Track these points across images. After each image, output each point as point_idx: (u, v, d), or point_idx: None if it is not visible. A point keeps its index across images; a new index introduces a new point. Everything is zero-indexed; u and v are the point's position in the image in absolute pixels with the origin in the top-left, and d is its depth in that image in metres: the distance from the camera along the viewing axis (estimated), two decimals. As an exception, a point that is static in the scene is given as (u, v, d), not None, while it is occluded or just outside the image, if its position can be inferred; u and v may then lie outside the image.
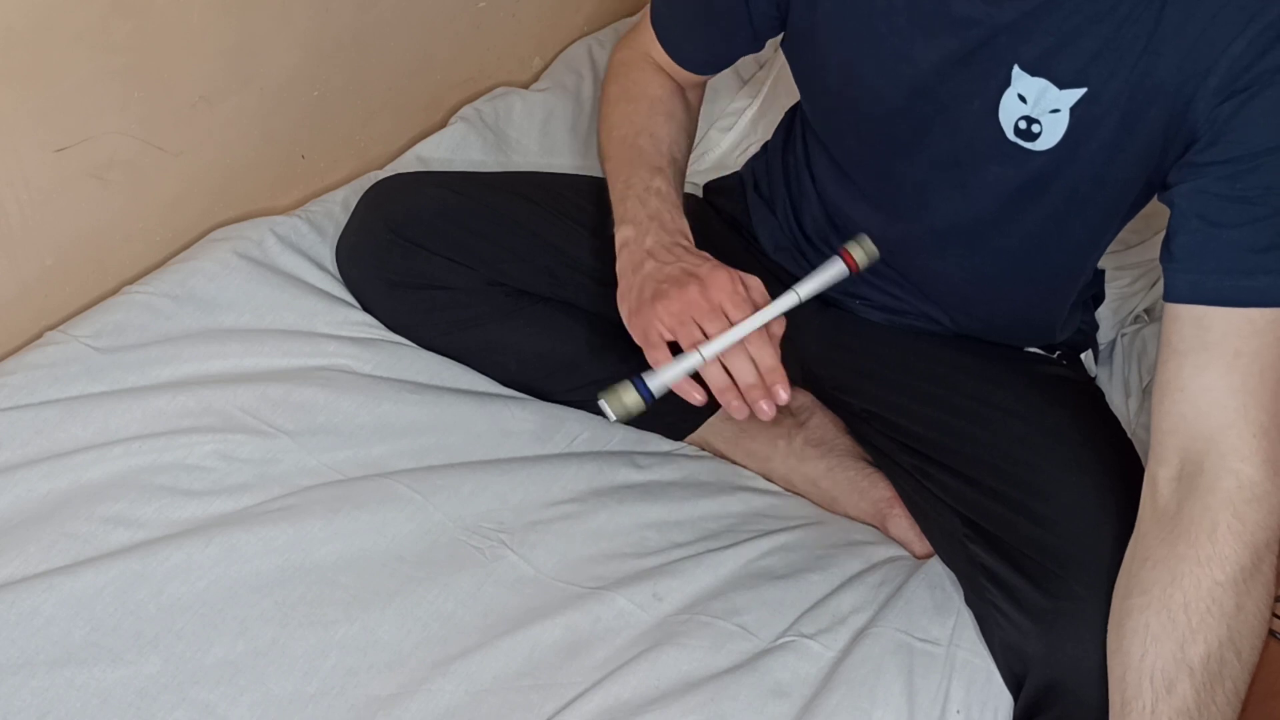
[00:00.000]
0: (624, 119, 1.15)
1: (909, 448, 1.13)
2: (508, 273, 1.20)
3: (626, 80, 1.18)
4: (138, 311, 1.17)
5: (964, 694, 0.99)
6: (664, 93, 1.17)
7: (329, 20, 1.31)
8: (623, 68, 1.20)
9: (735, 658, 1.01)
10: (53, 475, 1.03)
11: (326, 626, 0.98)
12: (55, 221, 1.15)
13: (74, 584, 0.96)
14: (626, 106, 1.16)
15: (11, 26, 1.03)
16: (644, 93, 1.16)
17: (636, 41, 1.20)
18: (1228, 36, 0.86)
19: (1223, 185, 0.88)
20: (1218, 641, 0.84)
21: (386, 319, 1.23)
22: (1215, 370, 0.87)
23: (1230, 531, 0.85)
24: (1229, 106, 0.87)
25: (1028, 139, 0.96)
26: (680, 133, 1.16)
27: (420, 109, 1.49)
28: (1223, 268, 0.87)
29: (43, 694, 0.90)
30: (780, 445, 1.23)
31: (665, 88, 1.17)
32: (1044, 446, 1.07)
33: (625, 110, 1.16)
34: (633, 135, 1.13)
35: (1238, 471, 0.86)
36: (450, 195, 1.24)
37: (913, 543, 1.15)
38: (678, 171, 1.12)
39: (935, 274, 1.13)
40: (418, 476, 1.10)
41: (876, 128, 1.05)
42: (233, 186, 1.30)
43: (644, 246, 1.04)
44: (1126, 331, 1.35)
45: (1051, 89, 0.93)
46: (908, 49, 0.98)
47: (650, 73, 1.18)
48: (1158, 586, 0.87)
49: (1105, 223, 1.04)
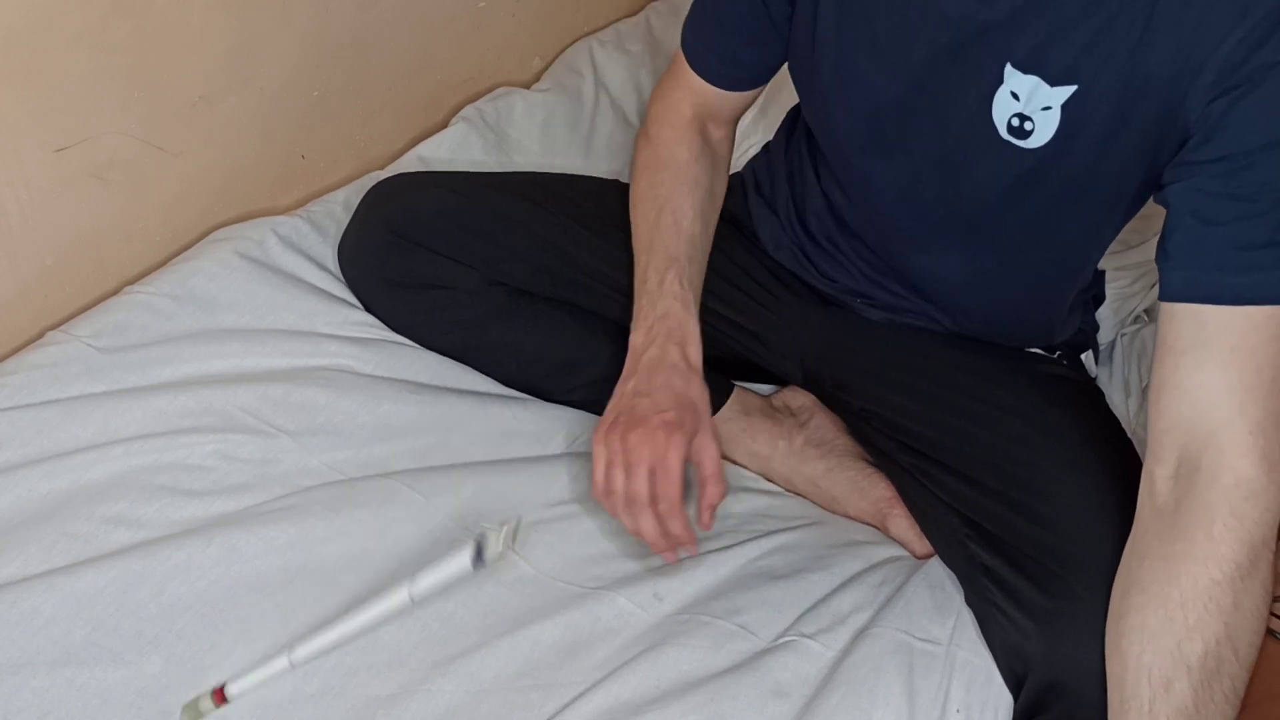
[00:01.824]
0: (649, 191, 1.16)
1: (909, 447, 1.14)
2: (508, 273, 1.20)
3: (657, 142, 1.18)
4: (138, 311, 1.17)
5: (964, 694, 0.99)
6: (690, 156, 1.16)
7: (329, 20, 1.31)
8: (654, 126, 1.19)
9: (735, 657, 1.01)
10: (53, 475, 1.03)
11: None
12: (55, 221, 1.15)
13: (74, 584, 0.96)
14: (652, 176, 1.16)
15: (11, 26, 1.03)
16: (671, 158, 1.16)
17: (668, 93, 1.19)
18: (1220, 32, 0.85)
19: (1217, 183, 0.87)
20: (1215, 639, 0.84)
21: (387, 319, 1.23)
22: (1211, 367, 0.87)
23: (1227, 529, 0.85)
24: (1222, 103, 0.86)
25: (1020, 136, 0.96)
26: (705, 199, 1.16)
27: (420, 109, 1.49)
28: (1218, 265, 0.87)
29: (43, 694, 0.90)
30: (780, 445, 1.23)
31: (692, 149, 1.17)
32: (1044, 446, 1.07)
33: (650, 181, 1.16)
34: (655, 214, 1.14)
35: (1235, 468, 0.86)
36: (451, 195, 1.24)
37: (913, 543, 1.15)
38: (696, 250, 1.13)
39: (934, 272, 1.13)
40: (419, 476, 1.10)
41: (872, 123, 1.05)
42: (233, 186, 1.30)
43: (642, 359, 1.06)
44: (1126, 332, 1.35)
45: (1043, 86, 0.93)
46: (902, 46, 0.98)
47: (680, 131, 1.17)
48: (1155, 584, 0.87)
49: (1101, 220, 1.04)
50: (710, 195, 1.17)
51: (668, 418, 1.00)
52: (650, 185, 1.16)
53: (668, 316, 1.07)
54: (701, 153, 1.17)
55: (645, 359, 1.05)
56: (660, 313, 1.07)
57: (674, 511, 0.99)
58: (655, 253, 1.11)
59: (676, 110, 1.17)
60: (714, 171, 1.19)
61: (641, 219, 1.15)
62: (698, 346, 1.07)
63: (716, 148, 1.20)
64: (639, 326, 1.08)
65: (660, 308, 1.08)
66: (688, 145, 1.17)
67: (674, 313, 1.07)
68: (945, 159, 1.02)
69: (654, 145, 1.18)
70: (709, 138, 1.19)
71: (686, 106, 1.17)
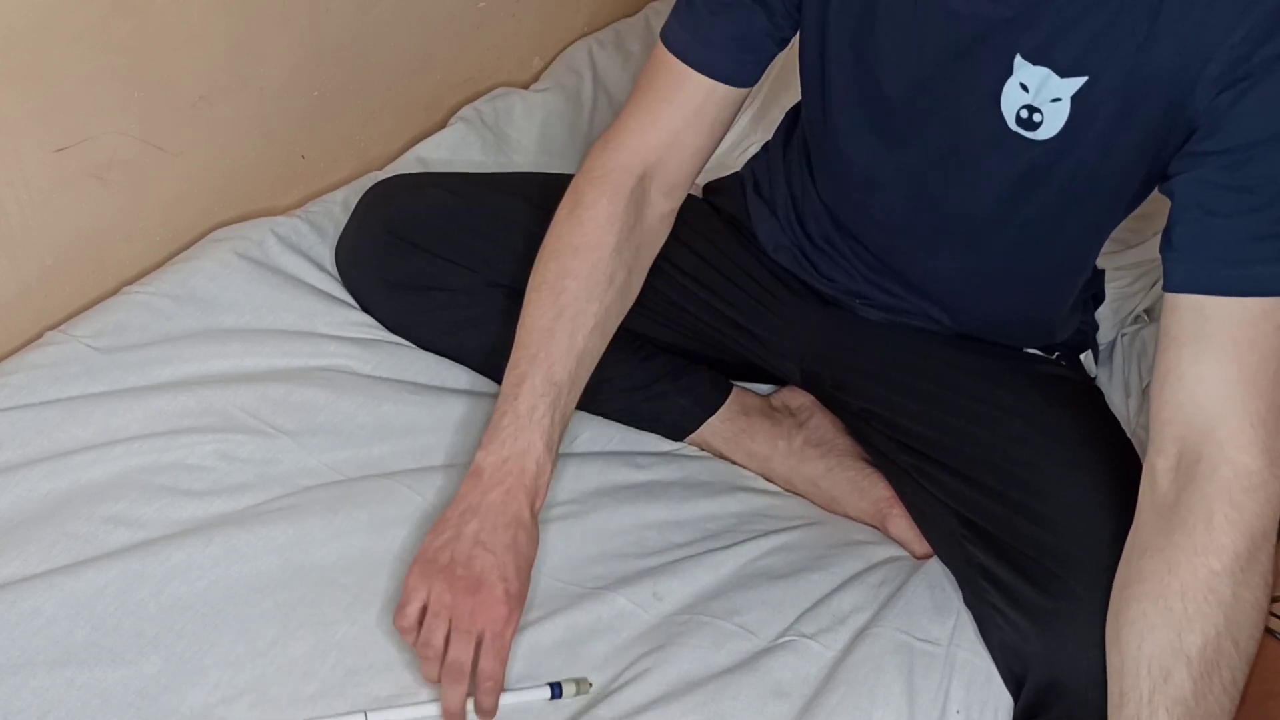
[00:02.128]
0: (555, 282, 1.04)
1: (908, 447, 1.14)
2: (507, 273, 1.20)
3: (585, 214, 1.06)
4: (138, 311, 1.17)
5: (964, 694, 0.99)
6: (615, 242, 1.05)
7: (329, 20, 1.31)
8: (589, 187, 1.07)
9: (735, 657, 1.01)
10: (53, 475, 1.03)
11: (326, 627, 0.98)
12: (55, 221, 1.15)
13: (74, 584, 0.96)
14: (564, 263, 1.05)
15: (11, 26, 1.03)
16: (594, 242, 1.05)
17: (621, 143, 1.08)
18: (1227, 25, 0.86)
19: (1222, 175, 0.88)
20: (1215, 630, 0.84)
21: (386, 320, 1.23)
22: (1213, 359, 0.87)
23: (1227, 521, 0.86)
24: (1228, 96, 0.87)
25: (1029, 128, 0.97)
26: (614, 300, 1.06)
27: (420, 109, 1.49)
28: (1221, 257, 0.88)
29: (43, 694, 0.90)
30: (780, 445, 1.23)
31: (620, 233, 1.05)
32: (1043, 446, 1.07)
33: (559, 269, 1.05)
34: (552, 317, 1.03)
35: (1235, 461, 0.86)
36: (449, 196, 1.24)
37: (913, 543, 1.15)
38: (583, 370, 1.04)
39: (934, 271, 1.13)
40: (418, 477, 1.10)
41: (879, 121, 1.05)
42: (233, 186, 1.30)
43: (486, 498, 0.97)
44: (1126, 332, 1.35)
45: (1053, 77, 0.94)
46: (911, 43, 0.98)
47: (616, 203, 1.05)
48: (1155, 576, 0.87)
49: (1103, 216, 1.04)
50: (622, 293, 1.07)
51: (511, 589, 0.94)
52: (558, 274, 1.04)
53: (525, 457, 0.99)
54: (628, 238, 1.06)
55: (489, 500, 0.97)
56: (520, 448, 0.99)
57: (495, 691, 0.92)
58: (536, 371, 1.01)
59: (624, 168, 1.07)
60: (635, 260, 1.08)
61: (537, 314, 1.04)
62: (543, 499, 1.00)
63: (649, 231, 1.10)
64: (492, 449, 0.99)
65: (521, 442, 0.99)
66: (617, 229, 1.05)
67: (533, 453, 0.99)
68: (954, 154, 1.02)
69: (580, 216, 1.06)
70: (645, 216, 1.09)
71: (638, 162, 1.07)
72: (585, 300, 1.04)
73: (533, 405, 1.00)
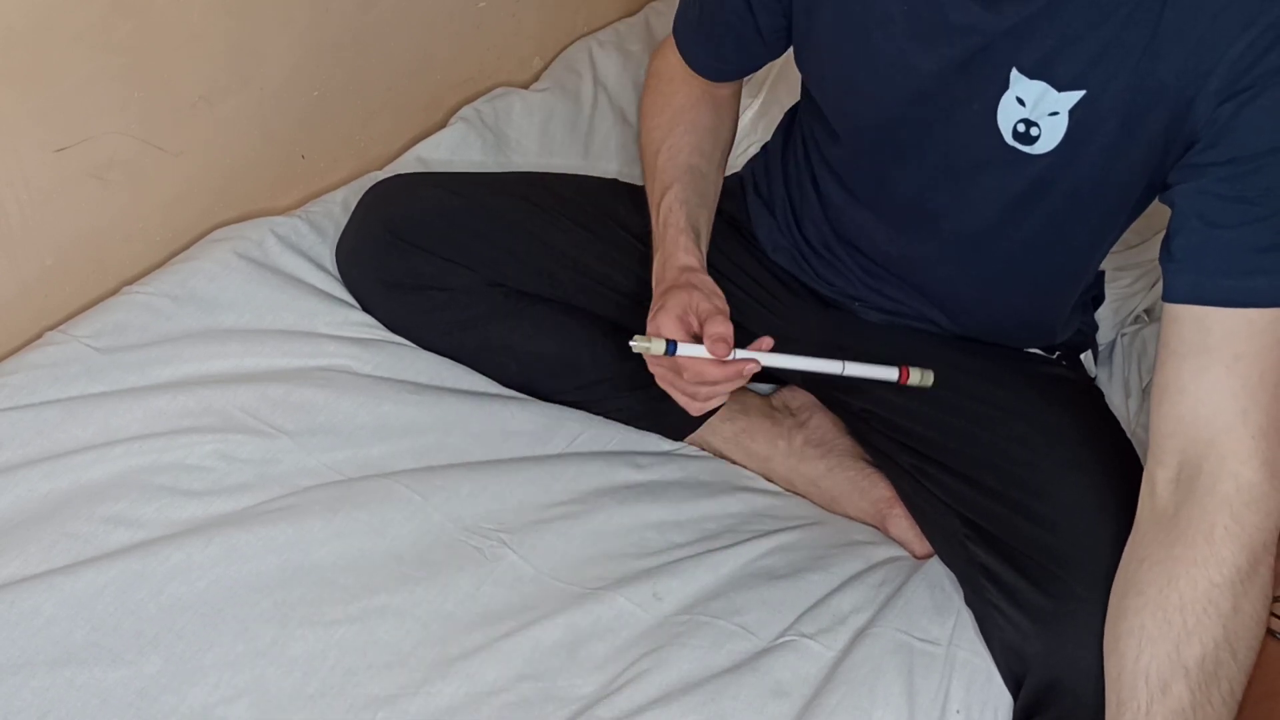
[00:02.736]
0: (649, 134, 1.19)
1: (908, 447, 1.14)
2: (507, 273, 1.20)
3: (656, 93, 1.21)
4: (138, 311, 1.17)
5: (964, 694, 0.99)
6: (688, 102, 1.19)
7: (329, 20, 1.31)
8: (654, 79, 1.23)
9: (735, 657, 1.01)
10: (53, 475, 1.03)
11: (326, 626, 0.98)
12: (55, 221, 1.15)
13: (74, 584, 0.96)
14: (652, 121, 1.20)
15: (11, 26, 1.03)
16: (668, 104, 1.19)
17: (668, 49, 1.21)
18: (1228, 38, 0.86)
19: (1223, 186, 0.87)
20: (1213, 643, 0.84)
21: (386, 320, 1.23)
22: (1215, 373, 0.87)
23: (1228, 534, 0.85)
24: (1229, 108, 0.87)
25: (1026, 142, 0.96)
26: (704, 137, 1.18)
27: (420, 109, 1.49)
28: (1223, 268, 0.87)
29: (43, 694, 0.90)
30: (780, 445, 1.23)
31: (690, 96, 1.19)
32: (1044, 446, 1.07)
33: (650, 125, 1.20)
34: (652, 154, 1.17)
35: (1236, 474, 0.86)
36: (449, 196, 1.24)
37: (913, 543, 1.15)
38: (697, 175, 1.15)
39: (936, 279, 1.13)
40: (417, 477, 1.10)
41: (874, 136, 1.05)
42: (233, 186, 1.30)
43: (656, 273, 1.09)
44: (1126, 332, 1.35)
45: (1050, 92, 0.93)
46: (906, 58, 0.98)
47: (678, 83, 1.20)
48: (1154, 587, 0.87)
49: (1106, 225, 1.04)
50: (709, 135, 1.19)
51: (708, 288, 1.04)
52: (650, 130, 1.19)
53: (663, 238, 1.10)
54: (699, 99, 1.19)
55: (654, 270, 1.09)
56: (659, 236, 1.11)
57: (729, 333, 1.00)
58: (654, 184, 1.14)
59: (678, 65, 1.20)
60: (716, 115, 1.20)
61: (648, 160, 1.18)
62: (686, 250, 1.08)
63: (720, 102, 1.21)
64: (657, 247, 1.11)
65: (658, 231, 1.11)
66: (686, 93, 1.19)
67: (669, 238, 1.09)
68: (951, 168, 1.02)
69: (654, 95, 1.22)
70: (711, 90, 1.20)
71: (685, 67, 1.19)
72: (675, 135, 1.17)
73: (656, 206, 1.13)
